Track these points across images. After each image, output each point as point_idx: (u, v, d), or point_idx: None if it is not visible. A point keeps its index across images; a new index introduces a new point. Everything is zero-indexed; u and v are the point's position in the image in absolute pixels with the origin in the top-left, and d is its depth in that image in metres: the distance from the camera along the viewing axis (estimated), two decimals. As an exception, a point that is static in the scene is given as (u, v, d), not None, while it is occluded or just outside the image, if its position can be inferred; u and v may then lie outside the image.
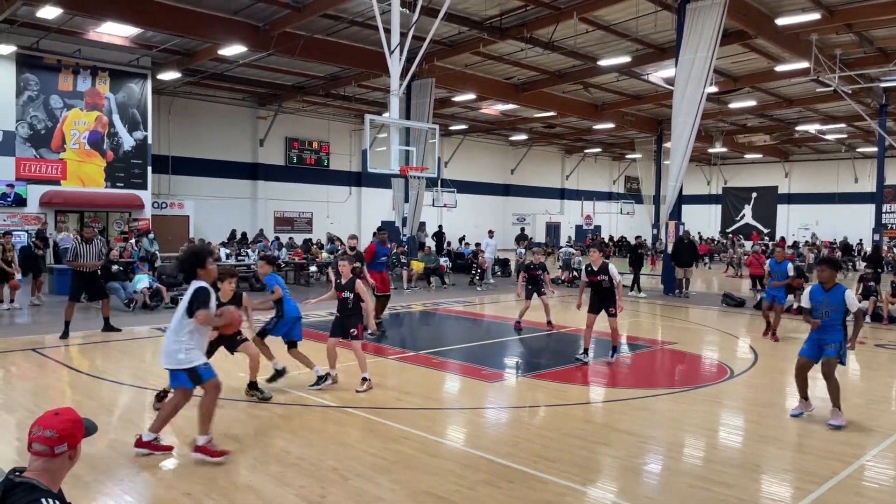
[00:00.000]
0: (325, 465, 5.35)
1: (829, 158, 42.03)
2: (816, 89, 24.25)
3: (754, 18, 17.14)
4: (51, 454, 2.41)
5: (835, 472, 5.33)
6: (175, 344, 5.34)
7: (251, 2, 17.28)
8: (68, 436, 2.43)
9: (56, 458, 2.42)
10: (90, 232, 11.54)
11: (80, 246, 11.14)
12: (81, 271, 11.05)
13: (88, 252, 11.09)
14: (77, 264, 11.03)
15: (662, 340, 11.66)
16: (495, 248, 22.14)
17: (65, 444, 2.42)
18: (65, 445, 2.42)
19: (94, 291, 11.49)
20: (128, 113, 23.10)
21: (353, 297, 7.69)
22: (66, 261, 11.48)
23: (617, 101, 28.58)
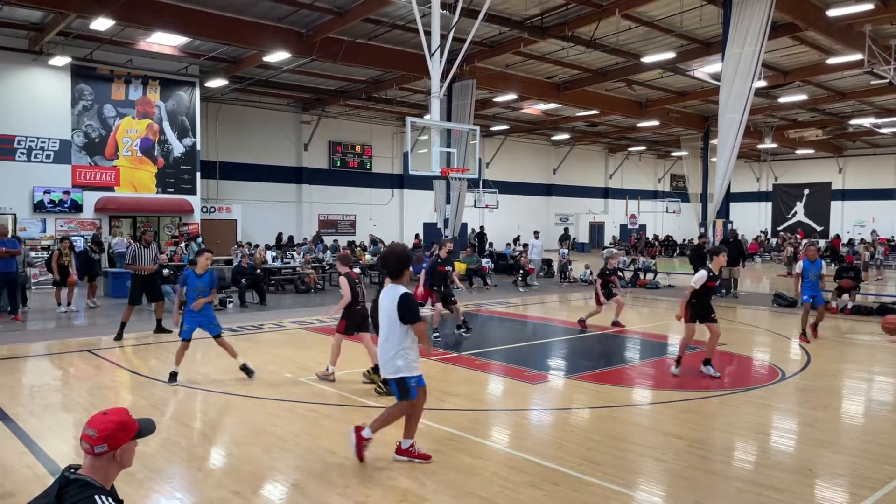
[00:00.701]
0: (370, 465, 5.40)
1: (885, 153, 40.51)
2: (871, 81, 23.40)
3: (804, 10, 16.65)
4: (92, 453, 2.44)
5: (891, 478, 5.14)
6: (389, 352, 5.25)
7: (294, 9, 17.57)
8: (109, 437, 2.44)
9: (99, 458, 2.45)
10: (150, 236, 11.98)
11: (139, 250, 11.54)
12: (140, 275, 11.45)
13: (146, 256, 11.49)
14: (136, 268, 11.44)
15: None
16: (542, 250, 21.98)
17: (105, 444, 2.43)
18: (105, 446, 2.43)
19: (152, 294, 11.87)
20: (177, 120, 23.74)
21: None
22: (125, 264, 11.91)
23: (661, 98, 28.09)
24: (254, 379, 8.20)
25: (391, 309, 5.17)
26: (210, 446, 6.06)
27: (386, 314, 5.22)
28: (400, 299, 5.15)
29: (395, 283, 5.31)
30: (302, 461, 5.51)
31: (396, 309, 5.13)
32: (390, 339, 5.22)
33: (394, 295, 5.20)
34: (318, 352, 10.02)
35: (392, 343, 5.21)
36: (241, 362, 8.35)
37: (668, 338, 11.83)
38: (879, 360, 10.20)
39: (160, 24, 17.51)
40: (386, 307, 5.23)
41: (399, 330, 5.18)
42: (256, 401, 7.36)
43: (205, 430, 6.52)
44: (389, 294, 5.25)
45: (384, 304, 5.26)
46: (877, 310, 14.64)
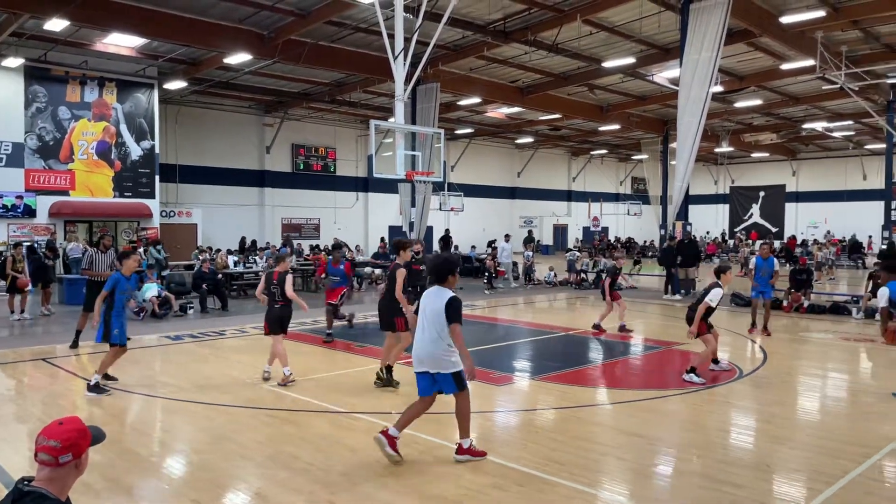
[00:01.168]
0: (335, 470, 5.35)
1: (836, 156, 41.82)
2: (823, 87, 24.09)
3: (758, 17, 17.09)
4: (56, 464, 2.40)
5: (846, 472, 5.30)
6: (442, 349, 5.51)
7: (255, 10, 17.38)
8: (72, 445, 2.42)
9: (61, 468, 2.42)
10: (109, 241, 11.68)
11: (96, 255, 11.24)
12: (97, 281, 11.12)
13: (104, 262, 11.19)
14: (92, 273, 11.12)
15: (671, 341, 11.61)
16: (511, 252, 22.08)
17: (69, 453, 2.41)
18: (69, 455, 2.42)
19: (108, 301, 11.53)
20: (135, 123, 23.26)
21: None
22: (82, 270, 11.58)
23: (622, 103, 28.53)
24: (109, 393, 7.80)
25: (441, 309, 5.49)
26: (169, 455, 5.94)
27: (435, 314, 5.53)
28: (450, 301, 5.51)
29: (442, 287, 5.67)
30: (265, 468, 5.44)
31: (445, 309, 5.47)
32: (443, 338, 5.51)
33: (444, 296, 5.55)
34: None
35: (445, 341, 5.51)
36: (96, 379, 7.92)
37: (631, 338, 12.00)
38: (833, 357, 10.51)
39: (117, 24, 17.14)
40: (436, 308, 5.54)
41: (446, 329, 5.50)
42: (218, 408, 7.25)
43: (164, 439, 6.39)
44: (439, 296, 5.58)
45: (434, 304, 5.58)
46: (829, 308, 15.09)
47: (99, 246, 11.56)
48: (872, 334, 12.13)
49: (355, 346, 10.93)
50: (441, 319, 5.50)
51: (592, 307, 16.95)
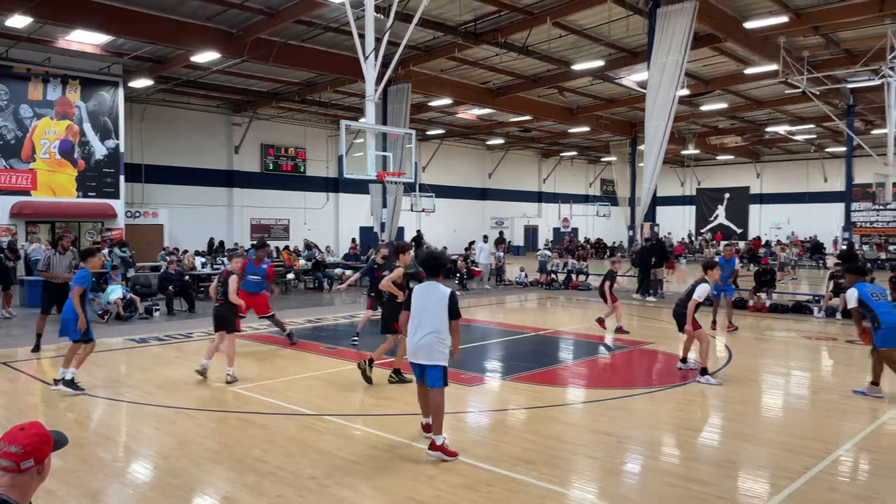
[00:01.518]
0: (304, 473, 5.31)
1: (799, 159, 42.79)
2: (785, 91, 24.69)
3: (723, 22, 17.42)
4: (17, 470, 2.35)
5: (808, 468, 5.42)
6: (440, 343, 5.66)
7: (224, 8, 17.17)
8: (34, 451, 2.37)
9: (23, 474, 2.37)
10: (68, 242, 11.39)
11: (54, 256, 10.95)
12: (53, 282, 10.85)
13: (62, 263, 10.91)
14: (48, 275, 10.83)
15: (639, 341, 11.76)
16: (489, 253, 22.10)
17: (31, 459, 2.37)
18: (31, 461, 2.37)
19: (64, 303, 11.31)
20: (99, 121, 22.80)
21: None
22: (39, 271, 11.29)
23: (591, 105, 28.83)
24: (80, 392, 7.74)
25: (441, 304, 5.64)
26: (135, 460, 5.83)
27: (434, 308, 5.67)
28: (451, 296, 5.70)
29: (435, 281, 5.83)
30: (232, 472, 5.37)
31: (448, 304, 5.63)
32: (440, 330, 5.66)
33: (443, 292, 5.70)
34: (251, 360, 9.81)
35: (442, 333, 5.66)
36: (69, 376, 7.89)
37: (601, 338, 12.12)
38: (795, 355, 10.75)
39: (81, 21, 16.79)
40: (434, 302, 5.68)
41: (445, 322, 5.66)
42: (185, 411, 7.14)
43: (130, 444, 6.27)
44: (436, 290, 5.73)
45: (431, 298, 5.72)
46: (791, 308, 15.43)
47: (57, 247, 11.29)
48: (834, 333, 12.46)
49: (324, 347, 10.85)
50: (441, 313, 5.64)
51: (563, 308, 17.11)
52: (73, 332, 7.97)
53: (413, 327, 5.78)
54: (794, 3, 16.89)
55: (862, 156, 27.27)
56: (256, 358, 9.97)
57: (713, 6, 16.78)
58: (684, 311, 8.66)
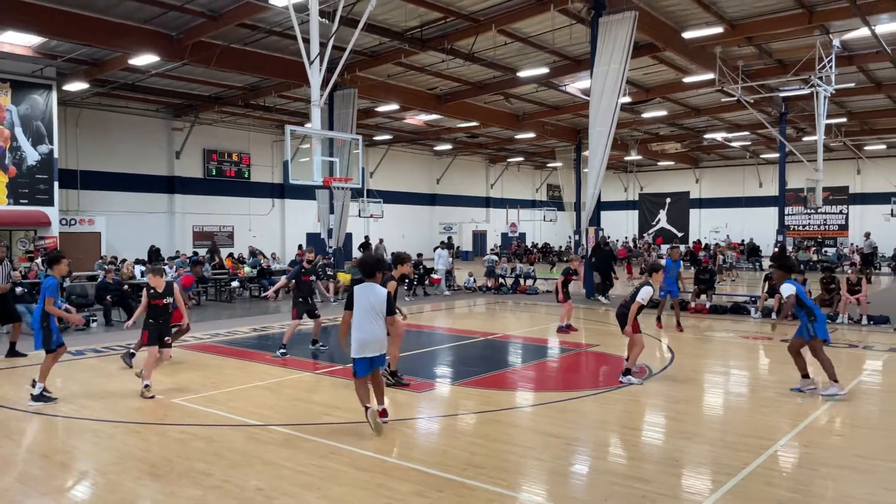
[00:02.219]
0: (250, 485, 5.20)
1: (735, 164, 44.33)
2: (721, 99, 25.52)
3: (662, 32, 17.93)
4: None
5: (746, 463, 5.61)
6: (384, 335, 6.54)
7: (162, 10, 16.73)
8: None
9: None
10: (3, 252, 11.01)
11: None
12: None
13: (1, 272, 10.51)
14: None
15: (585, 343, 11.96)
16: (448, 259, 22.08)
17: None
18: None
19: (6, 315, 10.90)
20: (31, 126, 21.89)
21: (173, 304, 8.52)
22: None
23: (537, 112, 29.24)
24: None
25: (379, 302, 6.45)
26: (72, 477, 5.60)
27: (372, 306, 6.43)
28: (388, 296, 6.54)
29: (372, 283, 6.57)
30: (175, 486, 5.22)
31: (385, 302, 6.46)
32: (379, 325, 6.47)
33: (380, 292, 6.51)
34: (194, 371, 9.55)
35: (381, 328, 6.48)
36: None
37: (548, 342, 12.27)
38: (734, 354, 11.12)
39: (12, 22, 16.09)
40: (372, 301, 6.45)
41: (382, 318, 6.47)
42: (124, 425, 6.90)
43: (65, 460, 6.01)
44: (374, 291, 6.51)
45: (369, 298, 6.46)
46: (730, 308, 15.95)
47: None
48: (769, 332, 12.92)
49: (270, 356, 10.66)
50: (381, 310, 6.43)
51: (511, 312, 17.26)
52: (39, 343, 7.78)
53: (363, 324, 6.40)
54: (729, 14, 17.52)
55: (794, 162, 28.42)
56: (199, 368, 9.72)
57: (652, 16, 17.26)
58: (628, 311, 8.85)
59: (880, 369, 9.91)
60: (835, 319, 14.18)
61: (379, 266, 6.70)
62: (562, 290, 13.06)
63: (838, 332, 13.08)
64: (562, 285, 13.11)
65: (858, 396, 8.06)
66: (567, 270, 13.47)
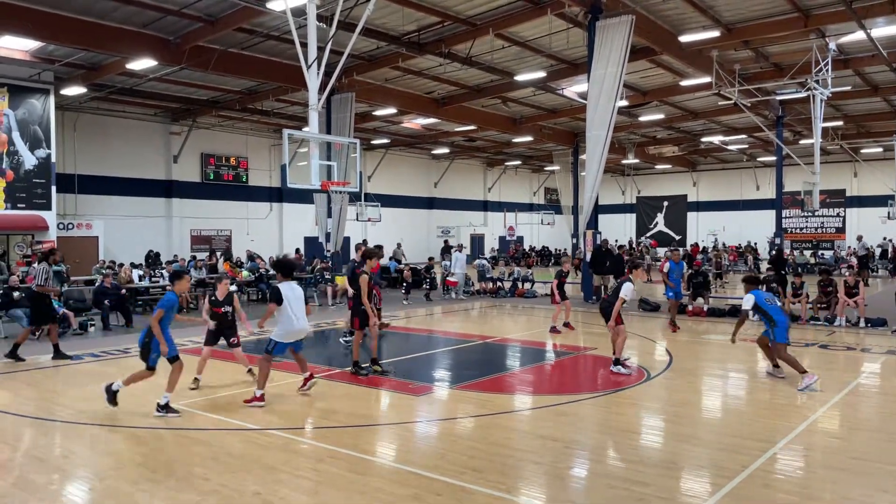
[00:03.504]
0: (248, 490, 5.19)
1: (732, 168, 44.41)
2: (719, 102, 25.61)
3: (659, 36, 17.98)
4: None
5: (745, 466, 5.61)
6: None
7: (160, 15, 16.73)
8: None
9: None
10: (59, 256, 11.42)
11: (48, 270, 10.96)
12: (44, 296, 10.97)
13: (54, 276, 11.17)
14: (46, 289, 10.92)
15: (584, 346, 11.96)
16: (465, 263, 21.95)
17: None
18: None
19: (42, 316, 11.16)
20: (29, 130, 21.87)
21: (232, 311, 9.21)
22: (37, 285, 10.94)
23: (534, 115, 29.27)
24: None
25: (302, 296, 8.06)
26: (70, 482, 5.59)
27: (299, 299, 7.97)
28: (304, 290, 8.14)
29: (289, 281, 8.03)
30: (173, 492, 5.21)
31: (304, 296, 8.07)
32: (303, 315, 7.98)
33: (300, 289, 8.15)
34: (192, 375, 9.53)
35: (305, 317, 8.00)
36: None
37: (546, 345, 12.28)
38: (732, 357, 11.11)
39: (9, 26, 16.06)
40: (297, 295, 7.97)
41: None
42: (122, 430, 6.89)
43: (63, 465, 6.00)
44: (297, 287, 8.07)
45: (295, 292, 7.95)
46: (728, 311, 15.97)
47: (48, 260, 11.39)
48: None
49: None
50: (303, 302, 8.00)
51: (509, 315, 17.26)
52: (152, 359, 7.44)
53: (295, 316, 7.80)
54: (726, 18, 17.58)
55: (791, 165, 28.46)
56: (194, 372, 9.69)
57: (649, 20, 17.31)
58: (611, 307, 9.29)
59: (878, 372, 9.92)
60: (832, 322, 14.21)
61: (291, 267, 8.35)
62: (557, 291, 13.24)
63: (836, 334, 13.11)
64: (557, 287, 13.30)
65: (856, 399, 8.07)
66: (560, 273, 13.64)
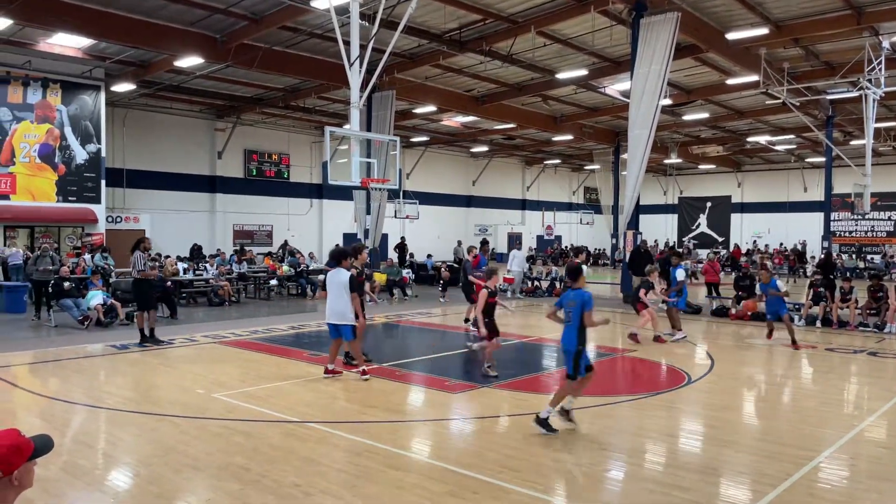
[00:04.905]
0: (287, 481, 5.27)
1: (779, 168, 43.31)
2: (766, 101, 25.01)
3: (705, 33, 17.63)
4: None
5: (789, 475, 5.47)
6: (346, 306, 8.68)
7: (207, 13, 17.09)
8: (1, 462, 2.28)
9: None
10: (148, 242, 12.23)
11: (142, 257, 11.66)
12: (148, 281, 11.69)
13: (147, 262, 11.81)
14: (146, 274, 11.56)
15: (622, 348, 11.82)
16: (523, 260, 21.60)
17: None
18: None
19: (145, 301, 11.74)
20: (80, 125, 22.57)
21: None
22: (139, 271, 11.58)
23: (575, 114, 29.01)
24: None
25: (345, 282, 8.65)
26: (115, 467, 5.76)
27: (338, 285, 8.65)
28: (351, 277, 8.70)
29: (340, 268, 8.79)
30: (214, 480, 5.32)
31: (349, 282, 8.64)
32: (344, 300, 8.62)
33: (344, 274, 8.73)
34: (233, 366, 9.72)
35: (345, 302, 8.63)
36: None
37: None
38: (776, 362, 10.87)
39: (63, 24, 16.62)
40: (338, 281, 8.67)
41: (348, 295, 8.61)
42: (166, 419, 7.06)
43: (110, 451, 6.19)
44: (339, 273, 8.74)
45: (337, 279, 8.69)
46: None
47: (140, 247, 11.91)
48: (813, 341, 12.61)
49: (307, 354, 10.79)
50: (344, 288, 8.55)
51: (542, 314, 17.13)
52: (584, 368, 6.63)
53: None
54: (775, 15, 17.15)
55: (841, 166, 27.66)
56: (239, 364, 9.90)
57: (695, 17, 16.99)
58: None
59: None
60: (882, 329, 13.77)
61: (344, 253, 9.00)
62: (646, 300, 12.58)
63: (885, 341, 12.69)
64: (644, 295, 12.61)
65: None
66: (646, 284, 12.97)
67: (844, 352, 11.58)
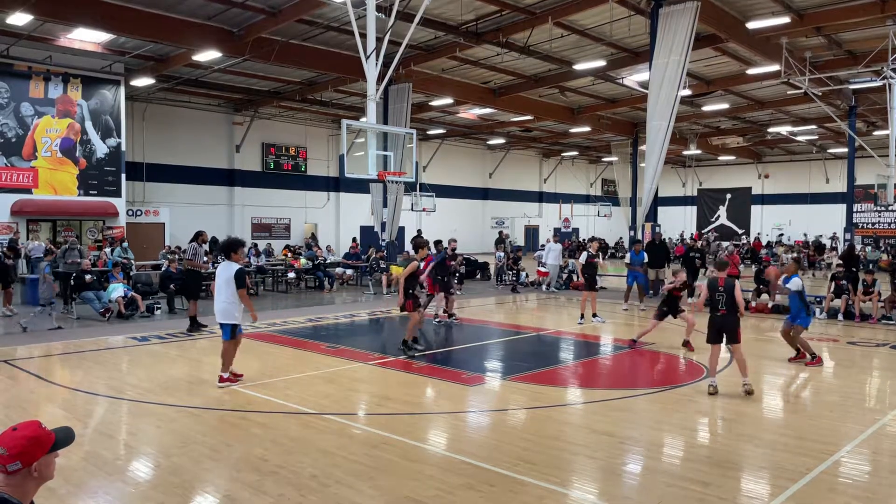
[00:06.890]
0: (305, 472, 5.31)
1: (801, 159, 42.73)
2: (787, 92, 24.62)
3: (726, 22, 17.39)
4: (4, 472, 2.30)
5: (809, 469, 5.41)
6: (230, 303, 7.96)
7: (225, 7, 17.16)
8: (21, 454, 2.31)
9: (14, 475, 2.31)
10: (205, 236, 12.92)
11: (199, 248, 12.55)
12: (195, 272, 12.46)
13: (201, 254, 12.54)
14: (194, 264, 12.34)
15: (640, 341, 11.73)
16: (559, 254, 21.06)
17: (17, 462, 2.30)
18: (17, 463, 2.30)
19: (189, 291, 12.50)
20: (101, 120, 22.81)
21: None
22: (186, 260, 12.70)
23: (592, 105, 28.79)
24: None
25: (230, 277, 7.86)
26: (136, 458, 5.84)
27: (226, 280, 7.90)
28: (238, 271, 7.87)
29: (230, 262, 8.02)
30: (233, 471, 5.38)
31: (234, 277, 7.84)
32: (227, 297, 7.89)
33: (232, 267, 7.92)
34: (252, 357, 9.80)
35: (229, 299, 7.90)
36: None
37: (601, 339, 12.11)
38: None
39: (83, 19, 16.79)
40: (226, 276, 7.91)
41: (233, 291, 7.86)
42: (186, 410, 7.14)
43: (130, 442, 6.27)
44: (228, 267, 7.95)
45: (225, 273, 7.93)
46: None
47: (198, 240, 12.64)
48: (835, 334, 12.45)
49: (325, 346, 10.85)
50: (230, 283, 7.82)
51: (564, 308, 17.09)
52: None
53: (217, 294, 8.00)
54: (797, 3, 16.87)
55: (864, 157, 27.23)
56: (257, 357, 9.98)
57: (715, 6, 16.76)
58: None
59: (955, 375, 9.42)
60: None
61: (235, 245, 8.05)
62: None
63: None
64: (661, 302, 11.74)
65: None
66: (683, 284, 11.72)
67: (866, 345, 11.41)
